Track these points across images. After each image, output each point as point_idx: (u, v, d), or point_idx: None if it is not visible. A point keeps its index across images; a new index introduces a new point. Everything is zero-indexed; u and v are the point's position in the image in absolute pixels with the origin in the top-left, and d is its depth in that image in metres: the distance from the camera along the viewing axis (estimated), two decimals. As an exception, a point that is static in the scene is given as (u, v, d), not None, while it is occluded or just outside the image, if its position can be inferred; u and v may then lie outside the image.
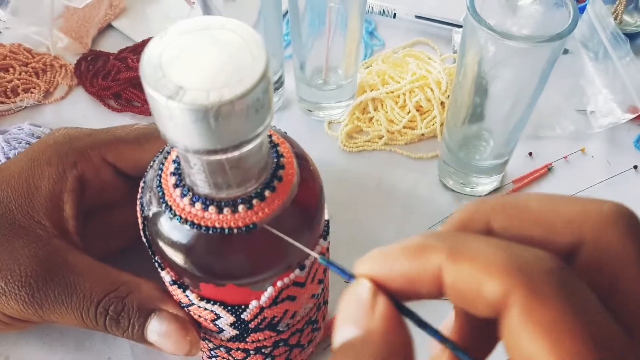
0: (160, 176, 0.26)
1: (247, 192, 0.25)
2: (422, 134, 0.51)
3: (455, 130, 0.49)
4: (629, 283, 0.16)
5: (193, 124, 0.19)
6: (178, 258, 0.26)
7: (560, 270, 0.15)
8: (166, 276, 0.28)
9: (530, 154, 0.51)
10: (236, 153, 0.21)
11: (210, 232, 0.25)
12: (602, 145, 0.52)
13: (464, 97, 0.45)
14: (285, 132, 0.30)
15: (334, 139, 0.52)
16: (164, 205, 0.26)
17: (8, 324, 0.32)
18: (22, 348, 0.38)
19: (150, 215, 0.27)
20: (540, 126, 0.53)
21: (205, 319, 0.30)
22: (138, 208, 0.28)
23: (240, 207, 0.24)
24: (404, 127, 0.52)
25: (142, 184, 0.29)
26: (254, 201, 0.25)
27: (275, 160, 0.26)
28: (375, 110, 0.52)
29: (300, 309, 0.31)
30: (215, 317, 0.29)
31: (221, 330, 0.31)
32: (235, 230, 0.24)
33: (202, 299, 0.28)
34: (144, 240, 0.28)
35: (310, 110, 0.53)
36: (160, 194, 0.26)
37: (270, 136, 0.27)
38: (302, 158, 0.29)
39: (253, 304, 0.28)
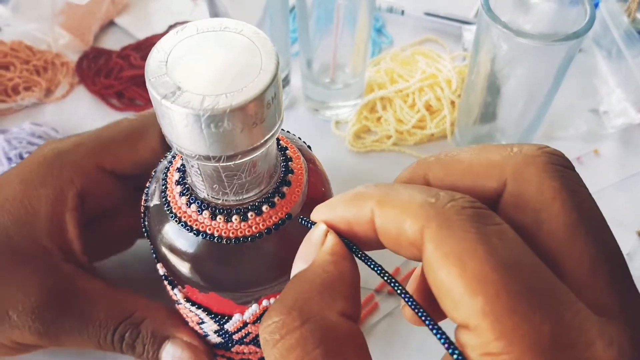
0: (168, 170, 0.26)
1: (244, 203, 0.24)
2: (432, 134, 0.50)
3: (466, 130, 0.48)
4: (551, 218, 0.17)
5: (184, 127, 0.18)
6: (166, 254, 0.26)
7: (472, 207, 0.16)
8: (160, 269, 0.28)
9: (542, 154, 0.50)
10: (231, 163, 0.20)
11: (200, 236, 0.24)
12: (615, 146, 0.51)
13: (477, 96, 0.44)
14: (307, 144, 0.29)
15: (341, 139, 0.51)
16: (164, 199, 0.25)
17: (17, 350, 0.32)
18: (25, 356, 0.37)
19: (151, 206, 0.26)
20: (553, 126, 0.52)
21: (192, 321, 0.30)
22: (143, 197, 0.28)
23: (234, 218, 0.23)
24: (413, 127, 0.50)
25: (153, 173, 0.28)
26: (250, 214, 0.23)
27: (282, 174, 0.25)
28: (383, 109, 0.51)
29: None
30: (200, 321, 0.29)
31: (206, 335, 0.30)
32: (224, 240, 0.24)
33: (187, 300, 0.28)
34: (143, 229, 0.27)
35: (317, 110, 0.52)
36: (164, 187, 0.25)
37: (284, 149, 0.26)
38: (313, 174, 0.27)
39: (236, 317, 0.27)
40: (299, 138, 0.29)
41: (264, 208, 0.24)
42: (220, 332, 0.29)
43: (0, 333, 0.29)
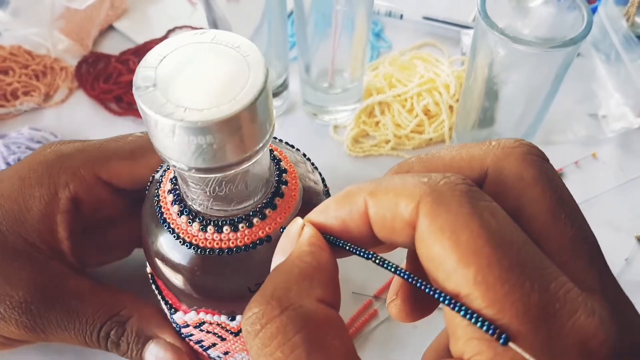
0: (165, 172, 0.27)
1: (221, 216, 0.24)
2: (430, 139, 0.50)
3: (464, 135, 0.48)
4: (531, 203, 0.18)
5: (170, 139, 0.18)
6: (144, 229, 0.27)
7: (465, 184, 0.16)
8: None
9: (541, 159, 0.50)
10: (216, 175, 0.20)
11: (172, 233, 0.24)
12: (614, 150, 0.51)
13: (474, 100, 0.44)
14: (305, 156, 0.29)
15: (339, 143, 0.51)
16: (160, 182, 0.26)
17: (3, 344, 0.32)
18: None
19: (154, 178, 0.27)
20: (552, 131, 0.52)
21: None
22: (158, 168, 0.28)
23: (211, 228, 0.24)
24: (412, 132, 0.50)
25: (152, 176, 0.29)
26: (225, 228, 0.23)
27: (275, 187, 0.24)
28: (382, 114, 0.51)
29: (236, 353, 0.30)
30: (158, 301, 0.30)
31: (165, 314, 0.31)
32: (186, 244, 0.24)
33: (151, 276, 0.29)
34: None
35: (316, 114, 0.52)
36: (163, 171, 0.26)
37: (281, 171, 0.25)
38: (308, 194, 0.26)
39: (179, 314, 0.28)
40: (298, 150, 0.29)
41: (241, 226, 0.23)
42: (172, 318, 0.29)
43: None
